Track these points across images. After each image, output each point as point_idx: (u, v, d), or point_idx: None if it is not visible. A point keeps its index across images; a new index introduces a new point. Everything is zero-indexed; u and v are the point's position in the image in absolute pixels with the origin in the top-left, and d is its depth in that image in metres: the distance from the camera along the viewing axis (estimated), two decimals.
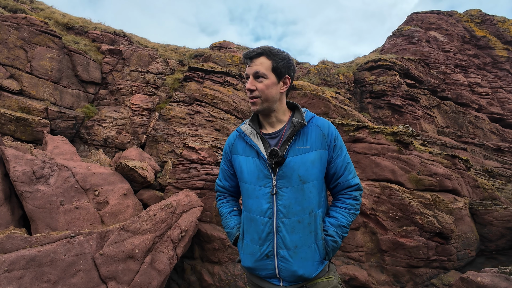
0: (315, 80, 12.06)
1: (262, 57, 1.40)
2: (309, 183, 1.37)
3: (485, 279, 3.50)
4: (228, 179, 1.64)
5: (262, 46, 1.41)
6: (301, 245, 1.34)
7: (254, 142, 1.44)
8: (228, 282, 5.25)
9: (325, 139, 1.43)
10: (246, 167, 1.45)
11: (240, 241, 1.50)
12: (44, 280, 3.41)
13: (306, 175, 1.36)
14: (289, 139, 1.39)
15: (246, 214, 1.46)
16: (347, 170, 1.47)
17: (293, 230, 1.34)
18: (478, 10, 18.24)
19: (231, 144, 1.58)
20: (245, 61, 1.44)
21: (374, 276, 5.10)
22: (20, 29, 8.62)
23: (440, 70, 13.81)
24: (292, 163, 1.36)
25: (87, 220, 5.00)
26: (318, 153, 1.39)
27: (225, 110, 9.71)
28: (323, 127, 1.45)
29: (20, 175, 4.71)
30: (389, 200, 5.50)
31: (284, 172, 1.35)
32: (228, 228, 1.59)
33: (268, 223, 1.36)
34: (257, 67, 1.39)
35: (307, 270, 1.34)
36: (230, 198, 1.71)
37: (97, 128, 8.85)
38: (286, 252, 1.33)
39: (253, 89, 1.39)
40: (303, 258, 1.34)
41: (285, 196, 1.35)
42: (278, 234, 1.35)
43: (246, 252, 1.44)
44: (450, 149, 10.07)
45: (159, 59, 11.68)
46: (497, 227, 5.74)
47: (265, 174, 1.38)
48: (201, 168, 6.50)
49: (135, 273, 4.03)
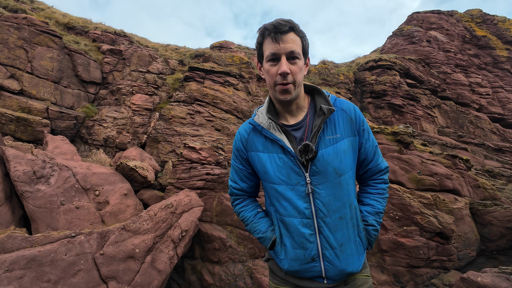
0: (315, 80, 12.06)
1: (292, 32, 1.18)
2: (345, 174, 1.24)
3: (486, 279, 3.49)
4: (246, 179, 1.45)
5: (286, 19, 1.18)
6: (346, 242, 1.24)
7: (277, 136, 1.25)
8: (228, 282, 5.26)
9: (353, 124, 1.29)
10: (271, 166, 1.27)
11: (278, 246, 1.32)
12: (45, 280, 3.42)
13: (341, 167, 1.23)
14: (318, 130, 1.22)
15: (280, 218, 1.29)
16: (376, 154, 1.38)
17: (336, 228, 1.23)
18: (479, 10, 18.22)
19: (244, 139, 1.37)
20: (270, 36, 1.16)
21: (375, 276, 5.10)
22: (20, 29, 8.62)
23: (441, 70, 13.80)
24: (325, 156, 1.21)
25: (88, 220, 5.00)
26: (349, 140, 1.27)
27: (225, 110, 9.71)
28: (349, 111, 1.30)
29: (20, 175, 4.71)
30: (390, 200, 5.50)
31: (318, 168, 1.21)
32: (259, 233, 1.39)
33: (308, 224, 1.23)
34: (291, 45, 1.16)
35: (354, 266, 1.26)
36: (250, 199, 1.52)
37: (98, 128, 8.86)
38: (332, 252, 1.23)
39: (288, 72, 1.16)
40: (349, 254, 1.25)
41: (323, 193, 1.21)
42: (321, 235, 1.23)
43: (289, 258, 1.28)
44: (450, 149, 10.06)
45: (159, 59, 11.69)
46: (497, 227, 5.73)
47: (296, 172, 1.22)
48: (202, 168, 6.50)
49: (136, 273, 4.03)
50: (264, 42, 1.21)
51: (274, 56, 1.18)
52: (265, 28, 1.18)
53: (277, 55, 1.17)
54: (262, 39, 1.22)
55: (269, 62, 1.20)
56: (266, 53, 1.20)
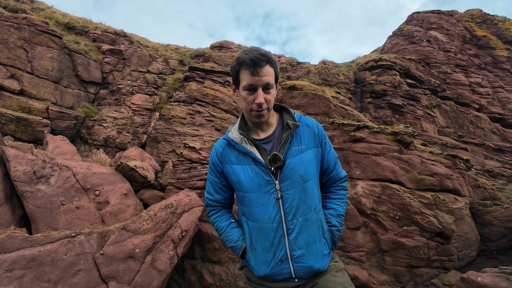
0: (315, 80, 12.06)
1: (268, 65, 1.30)
2: (310, 181, 1.39)
3: (486, 279, 3.49)
4: (220, 191, 1.56)
5: (263, 51, 1.29)
6: (312, 242, 1.37)
7: (248, 149, 1.38)
8: (228, 282, 5.26)
9: (316, 137, 1.47)
10: (244, 176, 1.39)
11: (249, 253, 1.44)
12: (45, 280, 3.42)
13: (306, 174, 1.38)
14: (286, 142, 1.38)
15: (252, 224, 1.41)
16: (337, 164, 1.57)
17: (302, 229, 1.35)
18: (479, 10, 18.21)
19: (220, 154, 1.49)
20: (249, 69, 1.27)
21: (375, 276, 5.10)
22: (20, 29, 8.63)
23: (441, 70, 13.79)
24: (292, 164, 1.36)
25: (88, 220, 5.00)
26: (313, 151, 1.43)
27: (225, 110, 9.71)
28: (313, 126, 1.49)
29: (20, 175, 4.71)
30: (390, 200, 5.50)
31: (286, 175, 1.35)
32: (231, 242, 1.50)
33: (278, 228, 1.35)
34: (267, 78, 1.29)
35: (321, 263, 1.38)
36: (224, 210, 1.63)
37: (98, 128, 8.86)
38: (299, 252, 1.34)
39: (264, 102, 1.31)
40: (316, 253, 1.37)
41: (290, 198, 1.35)
42: (289, 237, 1.35)
43: (259, 262, 1.40)
44: (450, 149, 10.05)
45: (159, 59, 11.69)
46: (497, 227, 5.73)
47: (266, 180, 1.36)
48: (202, 168, 6.50)
49: (136, 272, 4.03)
50: (241, 72, 1.32)
51: (251, 87, 1.30)
52: (243, 61, 1.28)
53: (254, 86, 1.30)
54: (239, 68, 1.32)
55: (246, 91, 1.32)
56: (244, 83, 1.32)
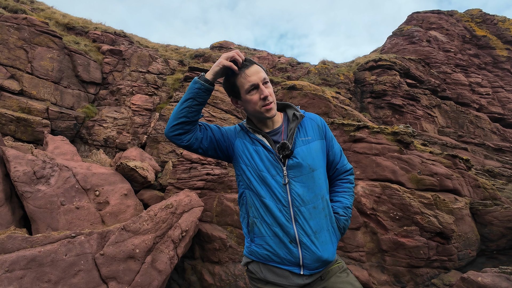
0: (315, 80, 12.06)
1: (255, 65, 1.41)
2: (317, 170, 1.43)
3: (486, 279, 3.49)
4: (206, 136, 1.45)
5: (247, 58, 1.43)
6: (320, 230, 1.38)
7: (259, 137, 1.46)
8: (228, 282, 5.25)
9: (321, 129, 1.54)
10: (256, 154, 1.44)
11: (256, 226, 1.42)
12: (45, 280, 3.42)
13: (313, 163, 1.43)
14: (293, 132, 1.45)
15: (260, 200, 1.41)
16: (342, 156, 1.61)
17: (310, 216, 1.37)
18: (479, 10, 18.22)
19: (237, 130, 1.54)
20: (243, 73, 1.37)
21: (375, 276, 5.10)
22: (20, 30, 8.63)
23: (441, 69, 13.79)
24: (300, 153, 1.41)
25: (88, 220, 5.00)
26: (319, 142, 1.50)
27: (225, 110, 9.71)
28: (316, 120, 1.56)
29: (20, 175, 4.71)
30: (390, 200, 5.50)
31: (294, 162, 1.39)
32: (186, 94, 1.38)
33: (285, 211, 1.37)
34: (262, 74, 1.40)
35: (329, 253, 1.39)
36: None
37: (98, 128, 8.86)
38: (308, 239, 1.35)
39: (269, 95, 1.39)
40: (324, 241, 1.38)
41: (298, 185, 1.38)
42: (296, 222, 1.36)
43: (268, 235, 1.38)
44: (450, 149, 10.05)
45: (159, 59, 11.69)
46: (497, 227, 5.73)
47: (274, 165, 1.40)
48: (202, 168, 6.50)
49: (136, 273, 4.03)
50: (238, 80, 1.41)
51: (253, 86, 1.39)
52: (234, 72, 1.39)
53: (255, 85, 1.38)
54: (234, 79, 1.41)
55: (249, 92, 1.40)
56: (246, 86, 1.40)
